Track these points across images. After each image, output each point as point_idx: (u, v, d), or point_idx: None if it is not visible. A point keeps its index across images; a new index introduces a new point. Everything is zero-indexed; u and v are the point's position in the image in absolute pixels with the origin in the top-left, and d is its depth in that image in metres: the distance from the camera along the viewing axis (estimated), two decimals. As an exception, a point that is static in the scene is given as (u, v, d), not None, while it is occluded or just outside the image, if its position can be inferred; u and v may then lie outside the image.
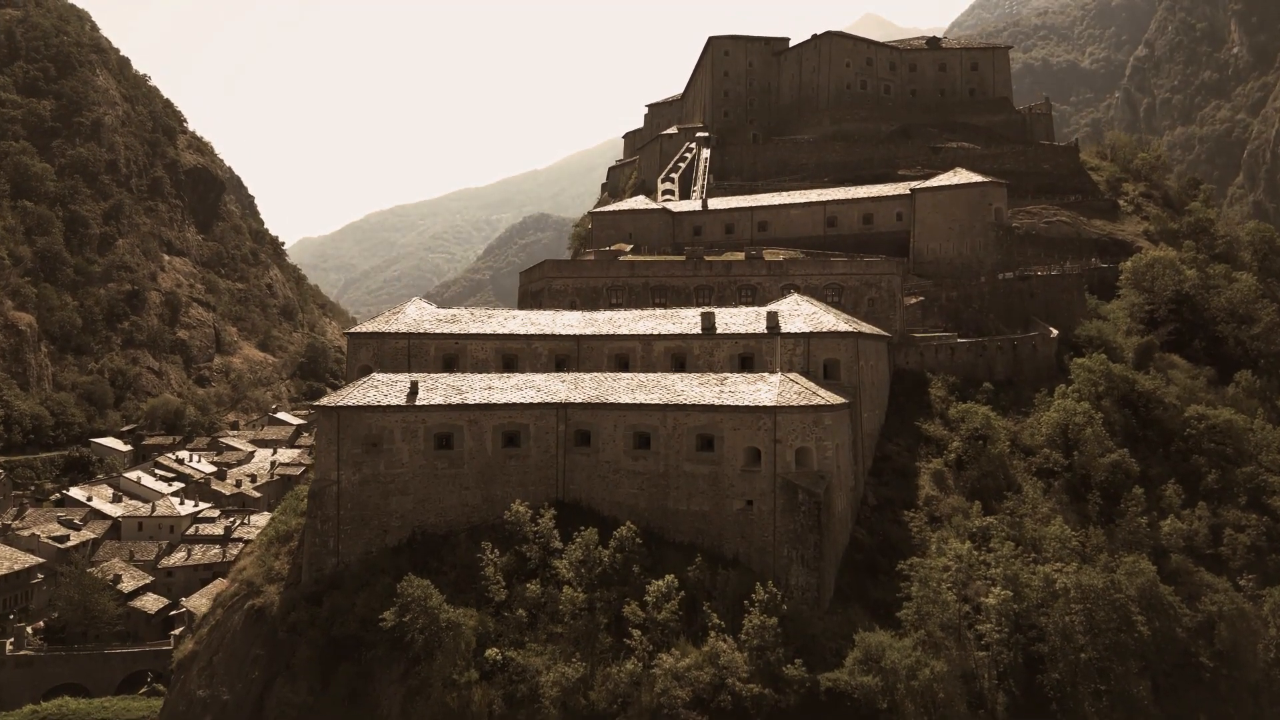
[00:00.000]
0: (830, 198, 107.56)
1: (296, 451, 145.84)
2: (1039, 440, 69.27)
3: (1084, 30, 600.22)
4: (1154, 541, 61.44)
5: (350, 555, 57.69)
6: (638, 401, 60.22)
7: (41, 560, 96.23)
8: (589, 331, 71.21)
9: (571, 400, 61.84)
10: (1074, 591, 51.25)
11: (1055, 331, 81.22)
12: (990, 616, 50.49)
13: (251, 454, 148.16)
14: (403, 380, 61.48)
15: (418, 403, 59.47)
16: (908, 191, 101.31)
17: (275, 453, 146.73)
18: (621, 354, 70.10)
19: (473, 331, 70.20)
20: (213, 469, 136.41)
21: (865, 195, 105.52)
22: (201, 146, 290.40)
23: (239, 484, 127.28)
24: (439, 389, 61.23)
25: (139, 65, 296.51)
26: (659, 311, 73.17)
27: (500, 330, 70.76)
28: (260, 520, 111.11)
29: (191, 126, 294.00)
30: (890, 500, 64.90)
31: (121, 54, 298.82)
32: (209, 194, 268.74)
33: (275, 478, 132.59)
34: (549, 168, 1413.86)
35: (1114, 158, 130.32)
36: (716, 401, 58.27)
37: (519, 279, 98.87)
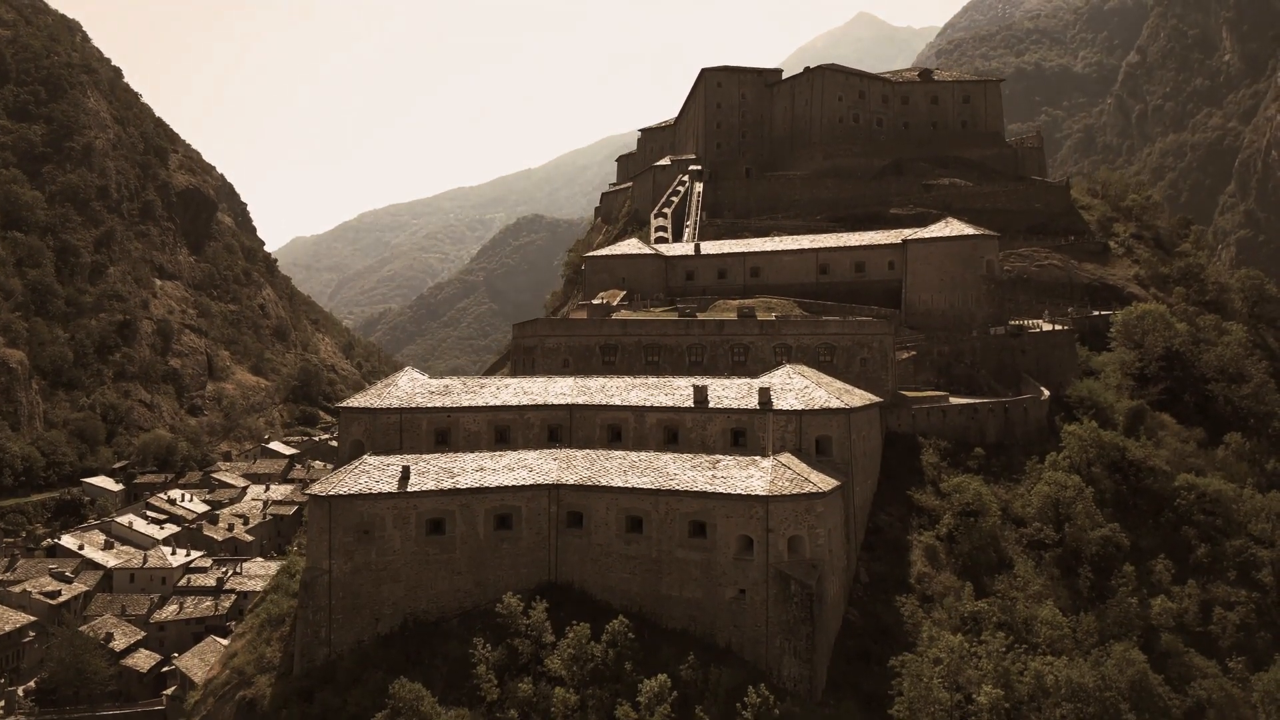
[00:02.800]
0: (822, 245, 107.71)
1: (288, 488, 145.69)
2: (1030, 512, 69.51)
3: (1076, 34, 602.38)
4: (1144, 621, 61.72)
5: (342, 645, 57.53)
6: (630, 485, 60.08)
7: (34, 619, 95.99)
8: (581, 401, 71.17)
9: (563, 481, 61.68)
10: (1064, 689, 51.39)
11: (1046, 393, 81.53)
12: (982, 717, 50.60)
13: (244, 490, 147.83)
14: (394, 464, 61.34)
15: (409, 489, 59.31)
16: (899, 241, 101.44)
17: (267, 489, 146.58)
18: (614, 424, 70.11)
19: (465, 404, 70.12)
20: (205, 508, 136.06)
21: (857, 244, 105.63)
22: (193, 165, 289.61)
23: (231, 528, 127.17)
24: (430, 472, 61.07)
25: (128, 69, 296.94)
26: (651, 380, 73.04)
27: (492, 402, 70.71)
28: (252, 568, 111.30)
29: (183, 133, 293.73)
30: (883, 577, 64.96)
31: (113, 64, 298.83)
32: (201, 214, 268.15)
33: (267, 518, 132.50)
34: (542, 166, 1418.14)
35: (1105, 195, 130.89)
36: (708, 488, 58.22)
37: (512, 331, 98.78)
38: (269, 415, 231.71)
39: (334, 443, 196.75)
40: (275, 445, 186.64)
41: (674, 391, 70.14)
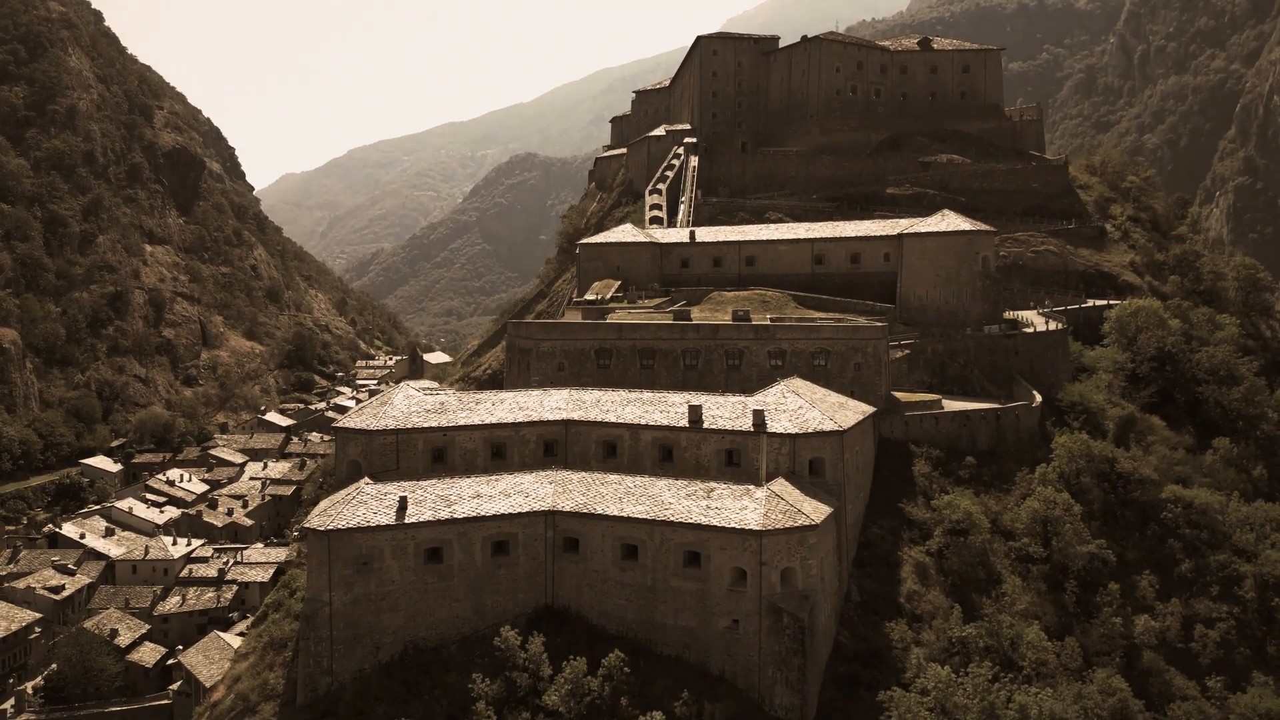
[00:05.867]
0: (818, 235, 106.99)
1: (286, 465, 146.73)
2: (1019, 527, 70.62)
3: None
4: (1128, 641, 63.31)
5: (344, 674, 58.77)
6: (625, 514, 60.74)
7: (39, 615, 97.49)
8: (577, 416, 71.59)
9: (559, 508, 62.31)
10: (1048, 721, 52.91)
11: (1039, 398, 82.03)
12: (968, 752, 52.17)
13: (242, 467, 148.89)
14: (391, 493, 61.80)
15: (407, 520, 59.93)
16: (895, 233, 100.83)
17: (265, 467, 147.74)
18: (610, 440, 70.66)
19: (461, 423, 70.39)
20: (204, 487, 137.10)
21: (853, 234, 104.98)
22: (179, 122, 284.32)
23: (230, 512, 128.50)
24: (427, 501, 61.60)
25: (108, 9, 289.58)
26: (646, 395, 73.31)
27: (488, 419, 71.02)
28: (253, 554, 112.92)
29: (167, 73, 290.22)
30: (873, 595, 66.22)
31: (92, 6, 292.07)
32: (189, 174, 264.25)
33: (266, 499, 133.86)
34: (535, 100, 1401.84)
35: (1103, 174, 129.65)
36: (703, 520, 58.91)
37: (507, 329, 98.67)
38: (264, 382, 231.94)
39: (330, 413, 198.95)
40: (272, 416, 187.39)
41: (669, 409, 70.50)
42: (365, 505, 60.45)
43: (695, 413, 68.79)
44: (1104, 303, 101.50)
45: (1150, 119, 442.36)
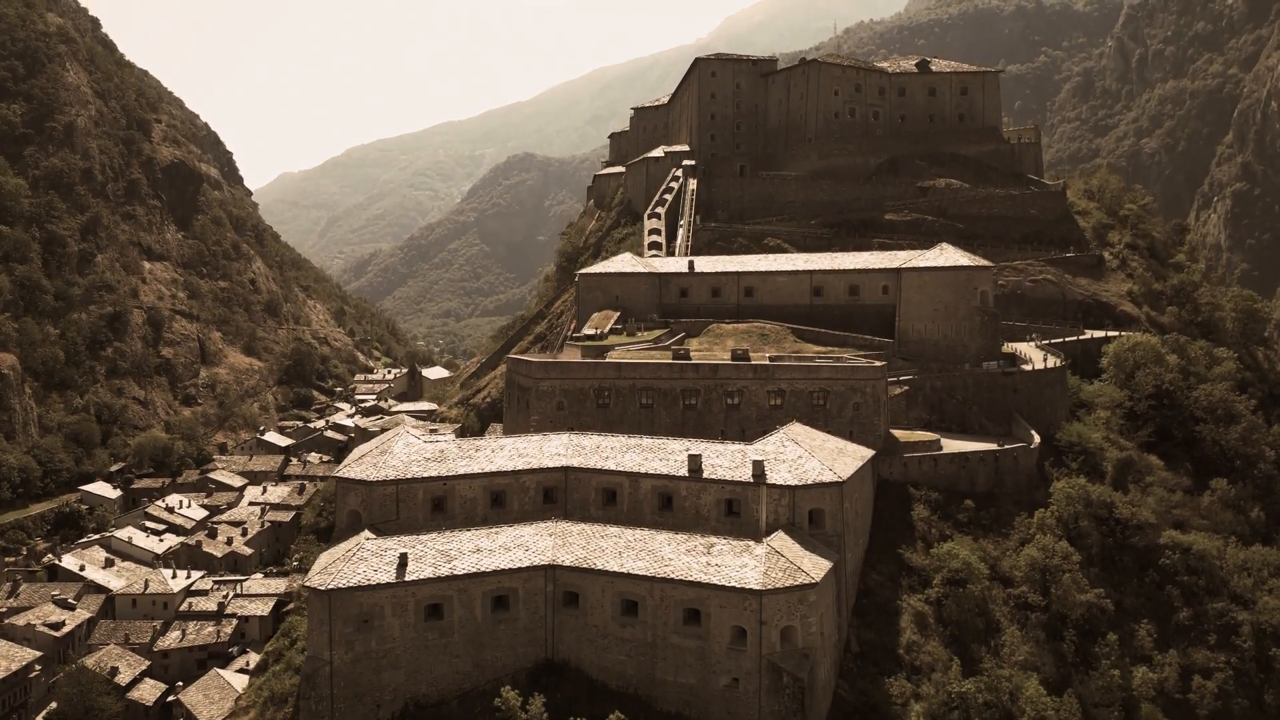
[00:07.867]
0: (817, 266, 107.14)
1: (285, 489, 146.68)
2: (1018, 574, 70.76)
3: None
4: (1126, 693, 63.46)
5: (345, 733, 58.96)
6: (625, 570, 60.92)
7: (39, 653, 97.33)
8: (576, 463, 71.67)
9: (559, 562, 62.44)
10: (1048, 786, 53.05)
11: (1037, 438, 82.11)
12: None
13: (241, 491, 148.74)
14: (391, 549, 61.93)
15: (407, 577, 60.08)
16: (894, 267, 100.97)
17: (264, 491, 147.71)
18: (609, 488, 70.79)
19: (460, 472, 70.46)
20: (203, 513, 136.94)
21: (852, 266, 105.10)
22: (177, 135, 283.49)
23: (230, 541, 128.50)
24: (427, 557, 61.72)
25: (106, 15, 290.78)
26: (646, 442, 73.36)
27: (488, 467, 71.09)
28: (252, 586, 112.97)
29: (165, 76, 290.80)
30: (873, 645, 66.37)
31: (89, 14, 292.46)
32: (188, 188, 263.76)
33: (265, 525, 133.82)
34: (533, 99, 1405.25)
35: (1100, 200, 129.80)
36: (703, 577, 59.05)
37: (506, 365, 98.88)
38: (263, 400, 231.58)
39: (330, 432, 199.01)
40: (270, 436, 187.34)
41: (669, 457, 70.54)
42: (365, 562, 60.53)
43: (695, 461, 68.85)
44: (1102, 334, 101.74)
45: (1148, 123, 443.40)
